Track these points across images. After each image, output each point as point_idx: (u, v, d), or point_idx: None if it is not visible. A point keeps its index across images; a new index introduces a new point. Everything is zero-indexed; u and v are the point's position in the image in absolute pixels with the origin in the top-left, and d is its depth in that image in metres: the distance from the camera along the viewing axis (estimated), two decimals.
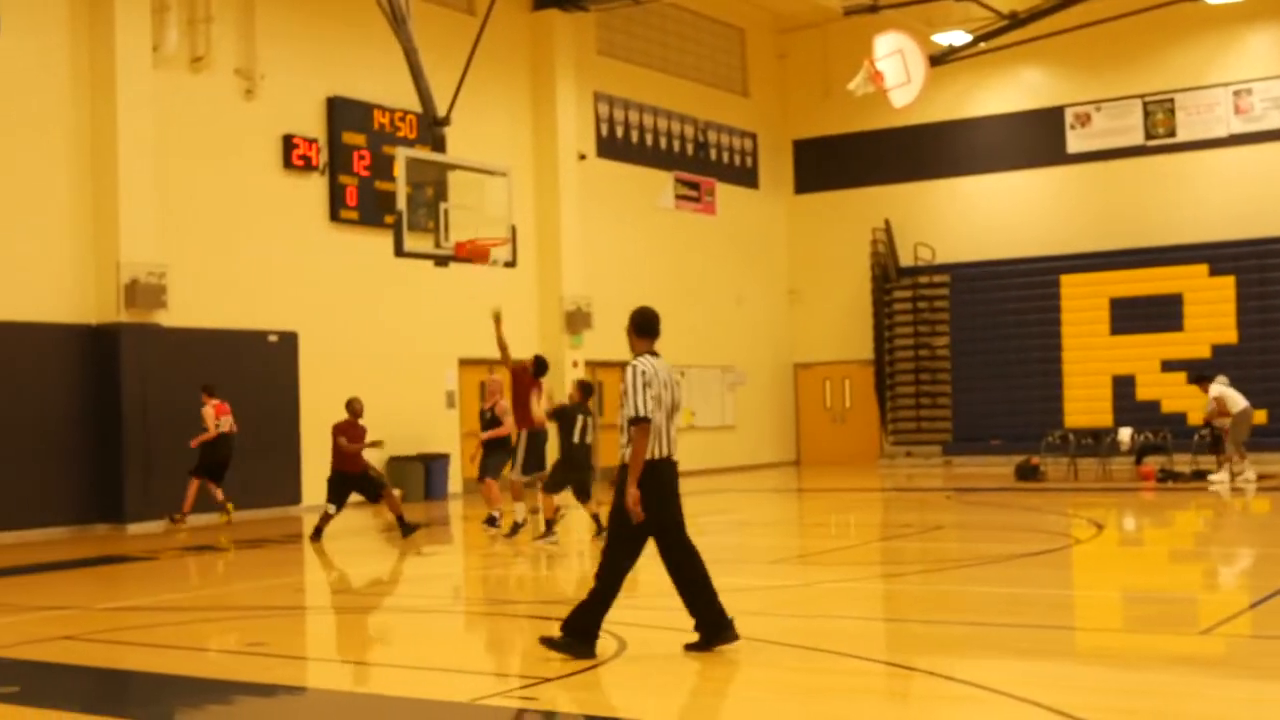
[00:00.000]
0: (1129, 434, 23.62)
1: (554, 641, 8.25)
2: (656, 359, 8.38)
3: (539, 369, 16.04)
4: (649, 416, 8.14)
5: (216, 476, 18.51)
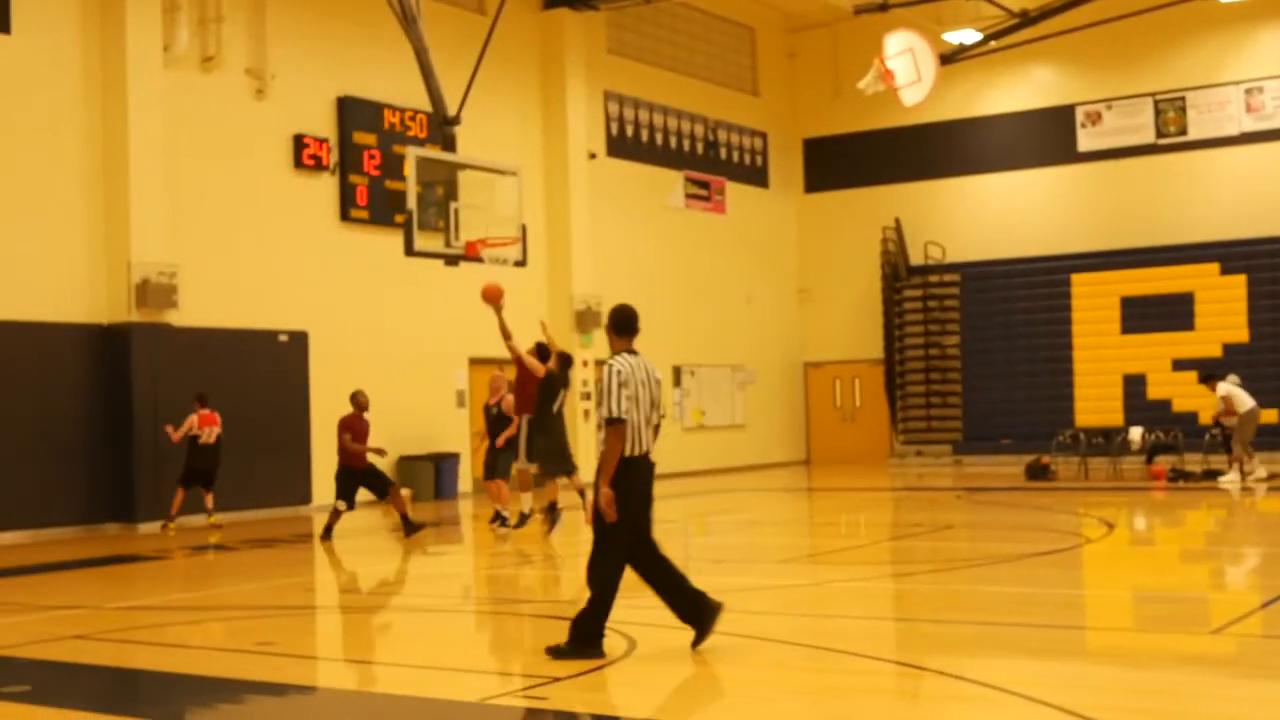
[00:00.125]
0: (1140, 433, 23.57)
1: (560, 649, 8.28)
2: (634, 357, 8.38)
3: (543, 357, 16.13)
4: (622, 418, 8.16)
5: (205, 484, 18.06)
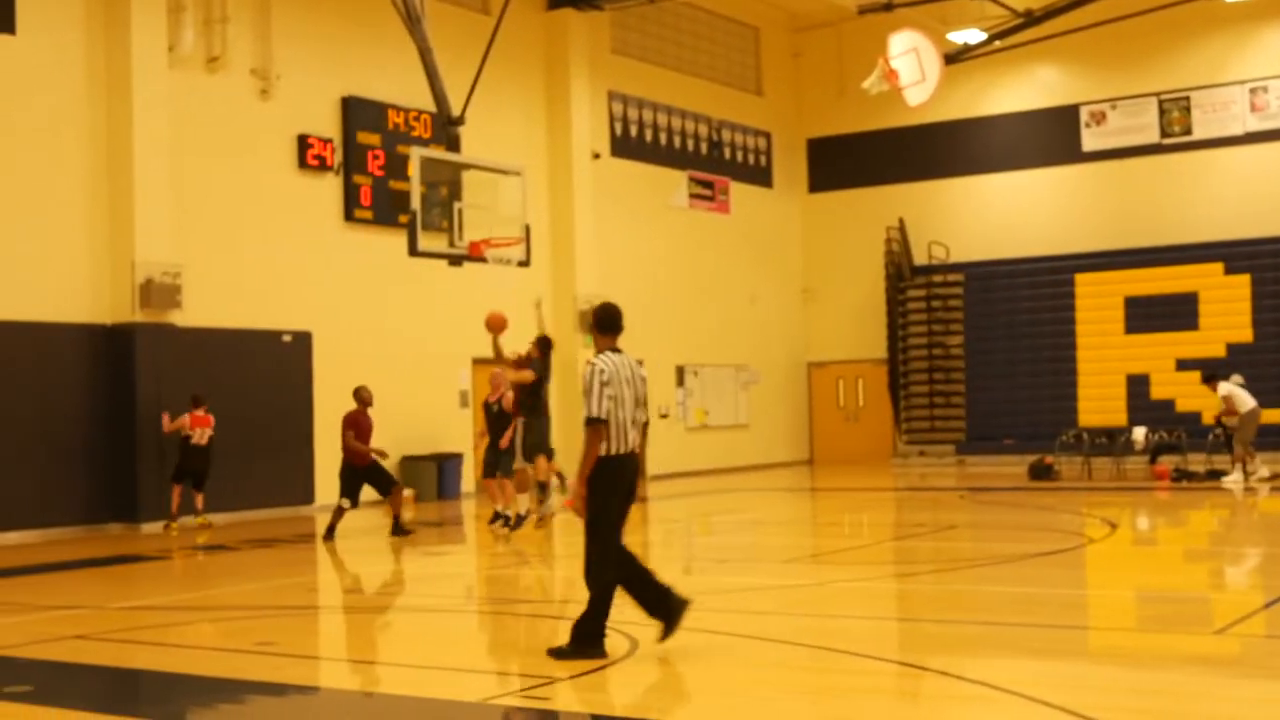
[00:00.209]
0: (1143, 433, 23.54)
1: (561, 651, 8.29)
2: (618, 355, 8.43)
3: (545, 348, 16.23)
4: (603, 418, 8.21)
5: (196, 483, 18.06)
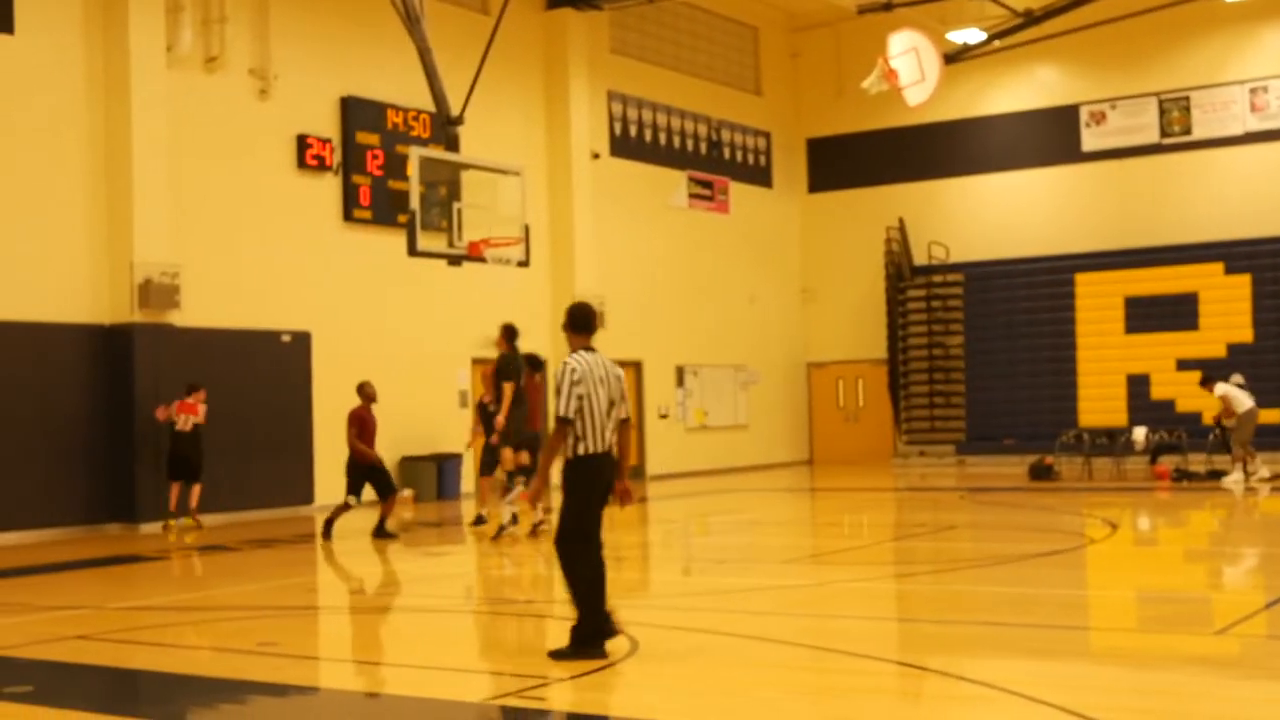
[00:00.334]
0: (1144, 433, 23.54)
1: (562, 653, 8.29)
2: (591, 355, 8.46)
3: (535, 366, 16.25)
4: (571, 417, 8.27)
5: (186, 476, 17.96)
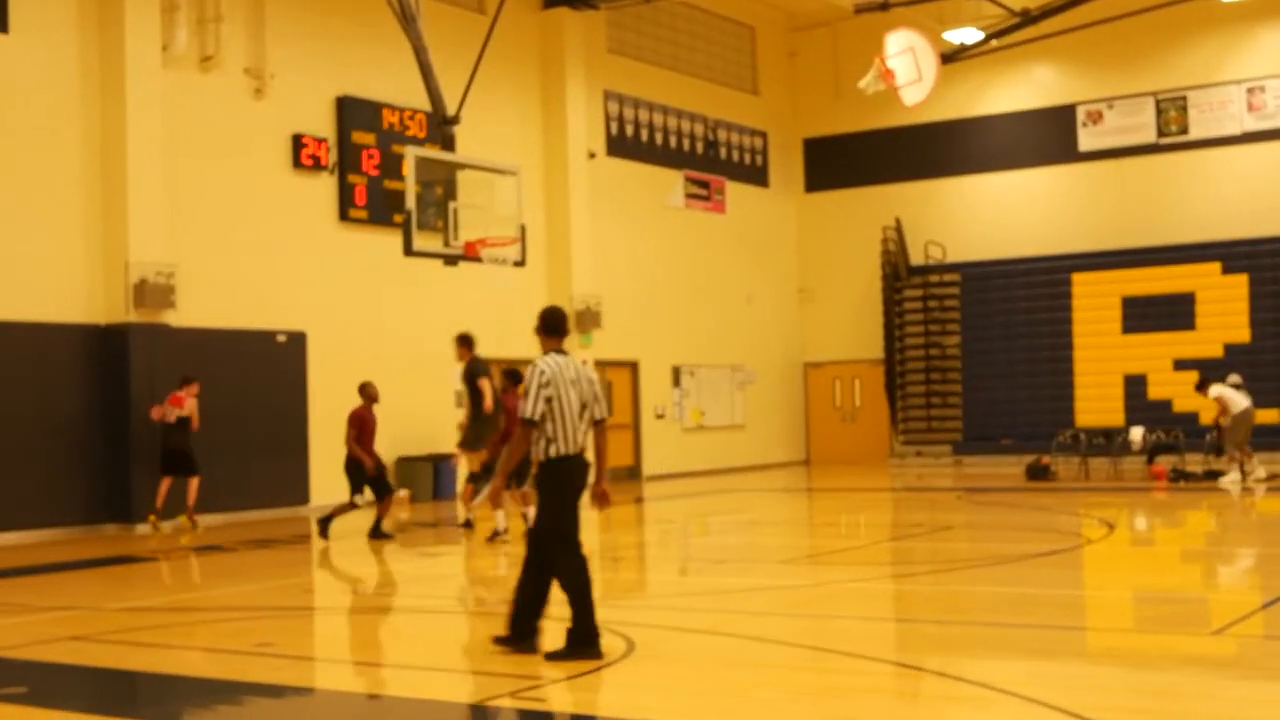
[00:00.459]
0: (1140, 433, 23.54)
1: (559, 654, 8.30)
2: (562, 357, 8.56)
3: (515, 380, 16.36)
4: (536, 419, 8.36)
5: (178, 470, 17.85)
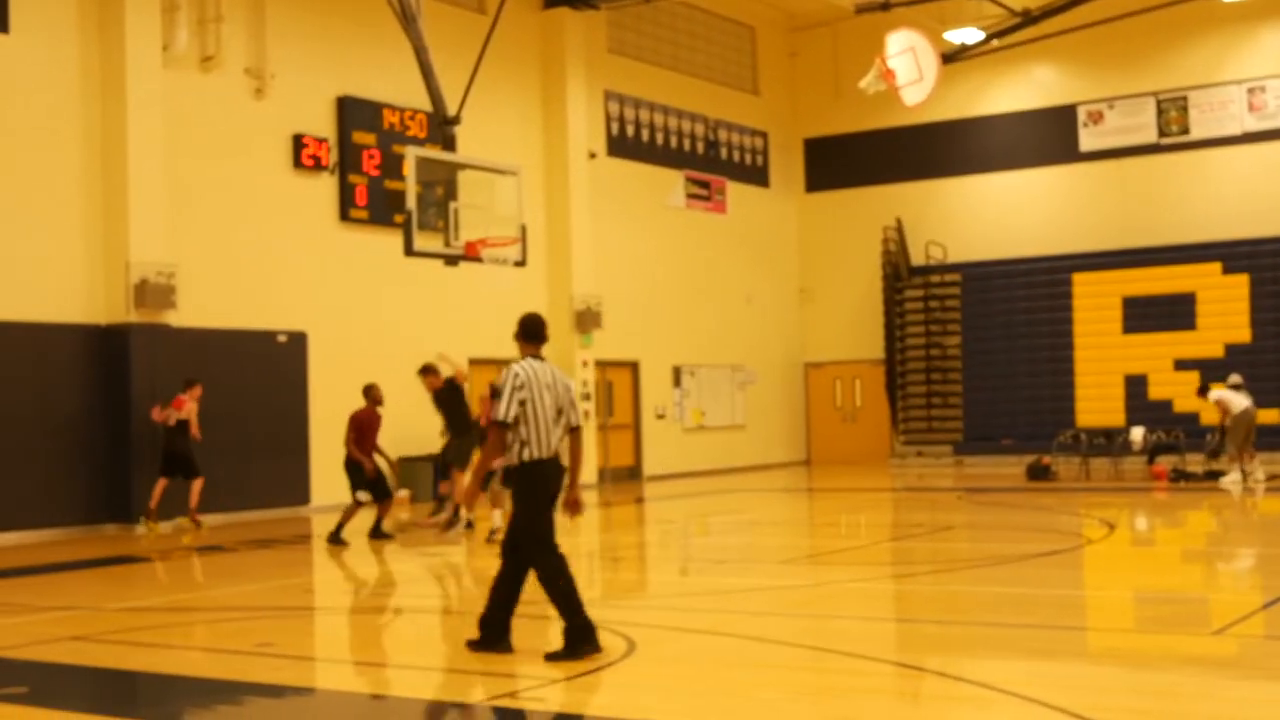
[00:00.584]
0: (1141, 433, 23.53)
1: (558, 654, 8.31)
2: (538, 363, 8.68)
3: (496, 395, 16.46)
4: (505, 421, 8.46)
5: (177, 472, 17.79)
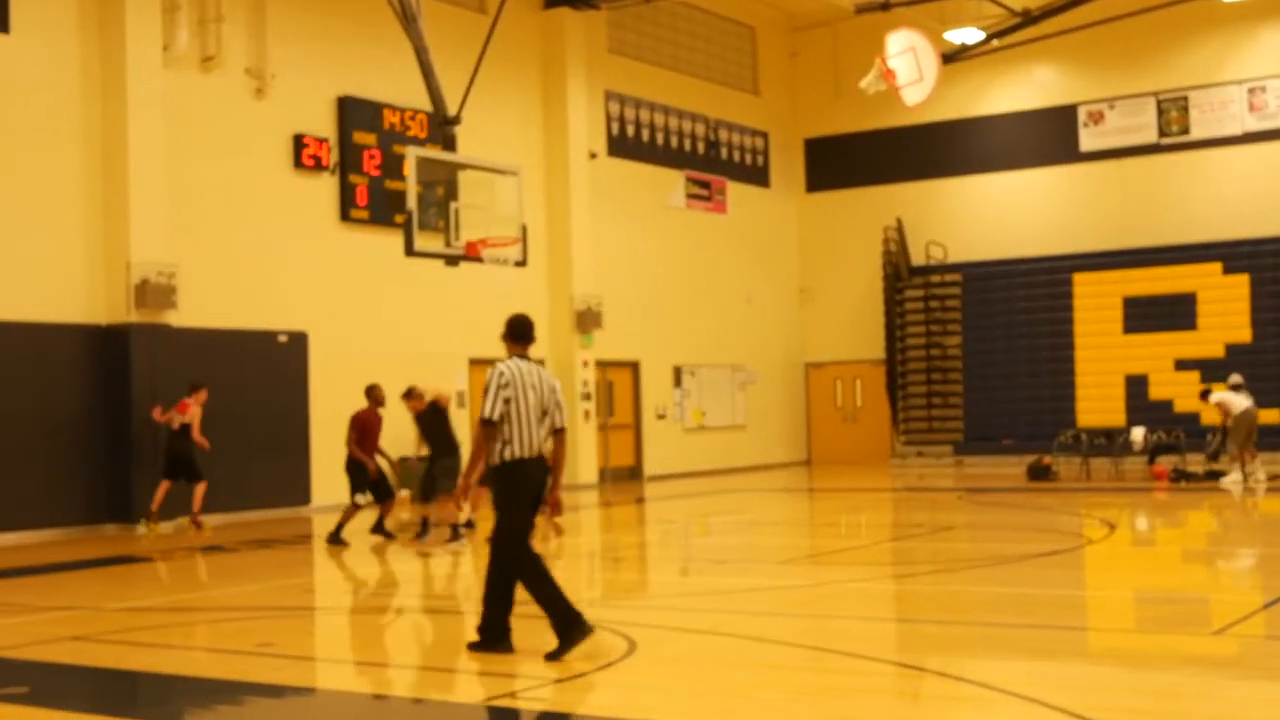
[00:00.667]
0: (1142, 433, 23.53)
1: (556, 652, 8.34)
2: (524, 362, 8.72)
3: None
4: (492, 419, 8.50)
5: (177, 475, 17.72)
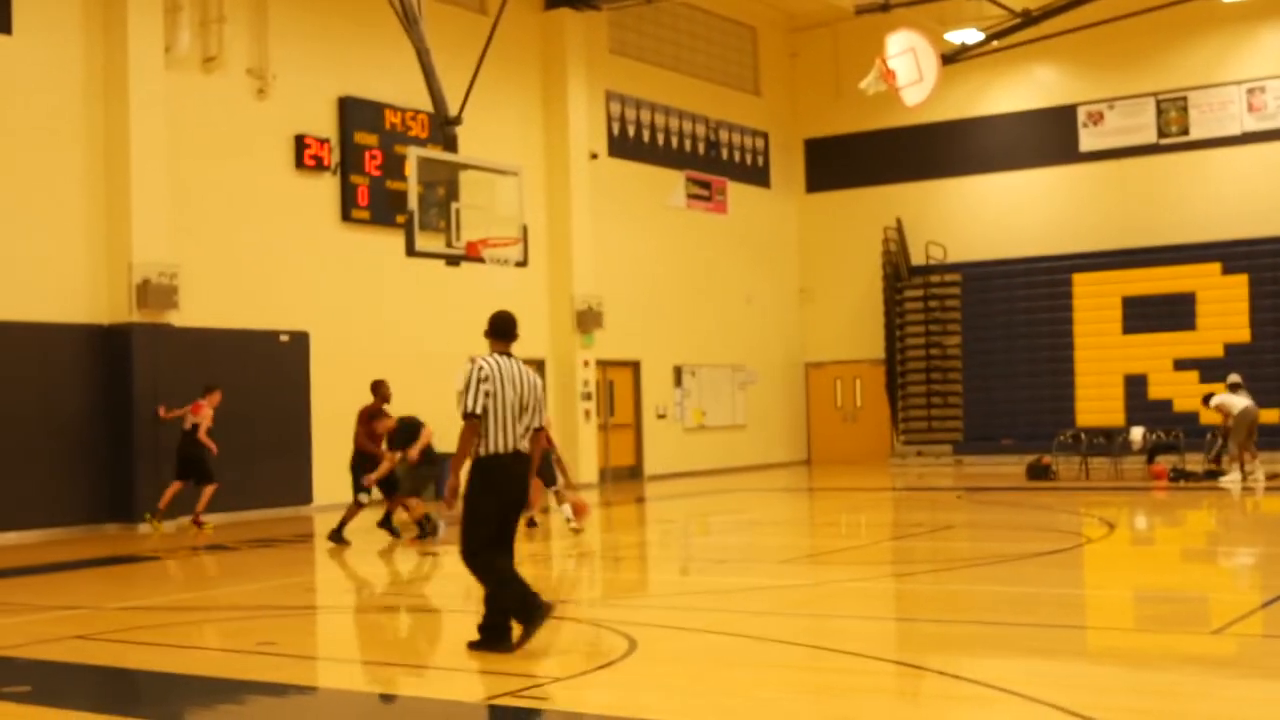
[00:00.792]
0: (1141, 433, 23.54)
1: (523, 637, 8.57)
2: (505, 359, 8.77)
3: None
4: (474, 413, 8.54)
5: (188, 476, 17.73)
